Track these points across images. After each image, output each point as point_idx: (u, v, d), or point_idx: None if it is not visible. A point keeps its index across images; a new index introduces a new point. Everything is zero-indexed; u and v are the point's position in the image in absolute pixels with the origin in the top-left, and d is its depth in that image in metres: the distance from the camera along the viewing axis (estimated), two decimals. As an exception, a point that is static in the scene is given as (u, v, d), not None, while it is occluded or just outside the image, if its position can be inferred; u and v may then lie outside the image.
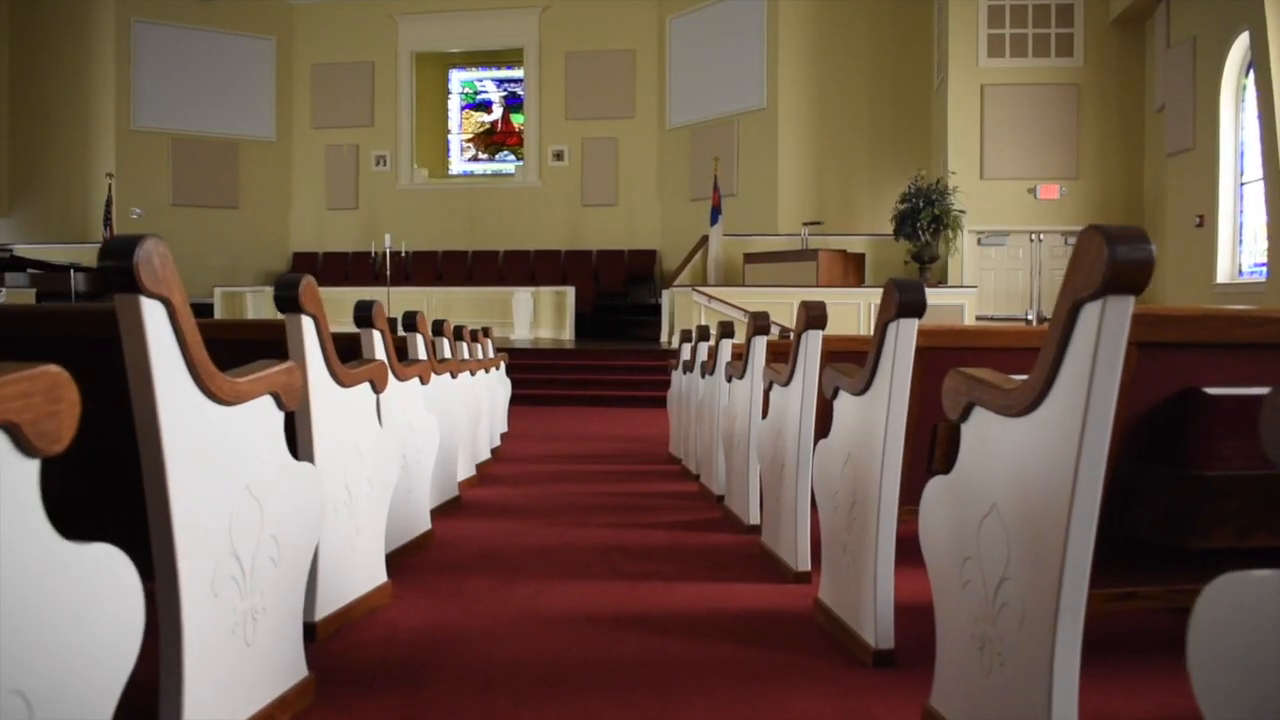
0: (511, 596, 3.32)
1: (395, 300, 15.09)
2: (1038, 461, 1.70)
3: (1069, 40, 13.83)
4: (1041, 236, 13.95)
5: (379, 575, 3.18)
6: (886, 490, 2.55)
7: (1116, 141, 13.76)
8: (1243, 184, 11.23)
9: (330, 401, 2.80)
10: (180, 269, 1.76)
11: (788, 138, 16.04)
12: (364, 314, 3.54)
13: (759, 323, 4.29)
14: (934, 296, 12.55)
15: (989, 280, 13.90)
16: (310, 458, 2.69)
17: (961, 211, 13.17)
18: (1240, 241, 11.29)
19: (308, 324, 2.67)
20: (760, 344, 4.32)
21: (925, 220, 12.90)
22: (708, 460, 5.62)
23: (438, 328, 5.59)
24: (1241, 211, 11.26)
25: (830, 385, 2.90)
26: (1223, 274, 11.31)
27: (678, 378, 7.53)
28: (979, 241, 14.05)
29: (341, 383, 2.85)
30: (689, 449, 6.62)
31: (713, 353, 5.70)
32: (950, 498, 2.03)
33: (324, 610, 2.81)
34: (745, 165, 16.66)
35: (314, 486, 2.29)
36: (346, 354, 3.34)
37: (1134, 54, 13.69)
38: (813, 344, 3.41)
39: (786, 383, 3.60)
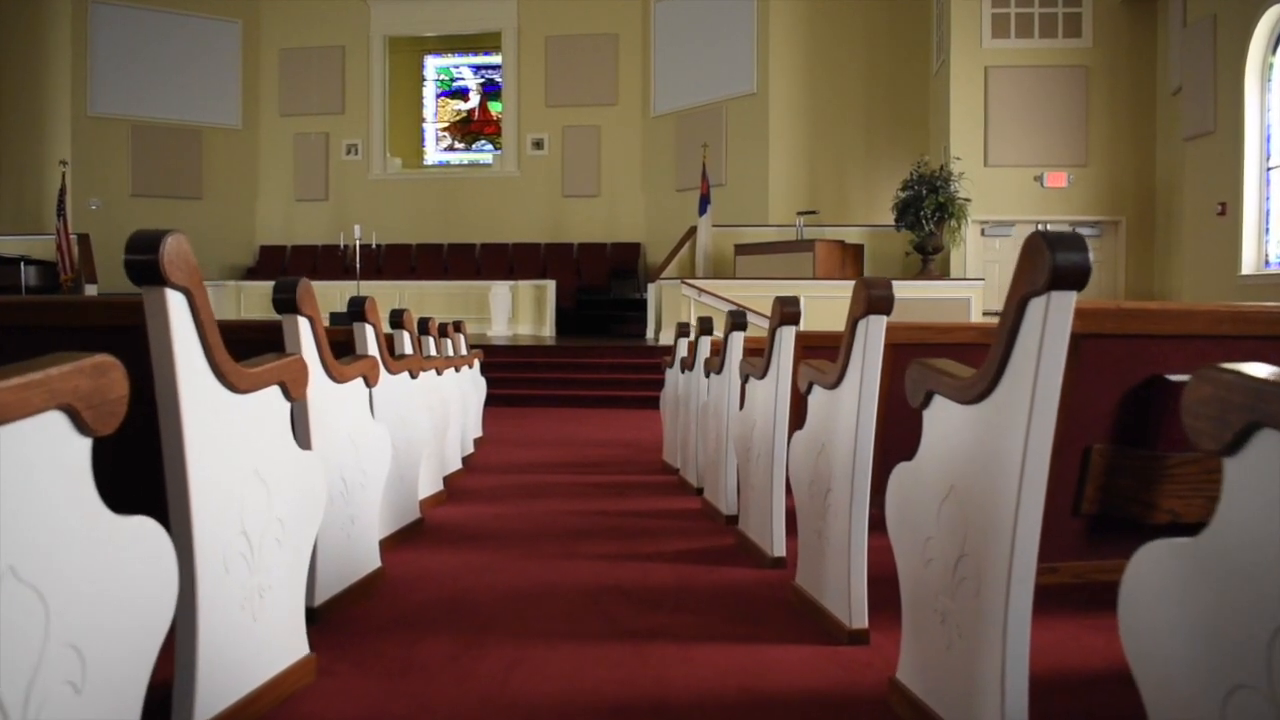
0: (478, 671, 2.49)
1: (366, 294, 14.18)
2: None
3: (1077, 20, 13.09)
4: (1048, 226, 13.17)
5: (296, 647, 2.35)
6: (1023, 543, 1.74)
7: (1128, 126, 13.03)
8: (1269, 168, 10.52)
9: (216, 414, 1.97)
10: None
11: (779, 124, 15.25)
12: (286, 296, 2.72)
13: (787, 309, 3.49)
14: (938, 290, 11.81)
15: (993, 273, 13.14)
16: (182, 499, 1.86)
17: (966, 200, 12.40)
18: (1267, 230, 10.58)
19: (175, 302, 1.84)
20: (788, 336, 3.52)
21: (929, 209, 12.12)
22: (713, 473, 4.80)
23: (397, 319, 4.76)
24: (1268, 198, 10.55)
25: (918, 388, 2.10)
26: (1248, 265, 10.60)
27: (673, 376, 6.71)
28: (983, 232, 13.30)
29: (234, 387, 2.02)
30: (688, 458, 5.81)
31: (718, 348, 4.90)
32: (1202, 574, 1.22)
33: (209, 710, 1.97)
34: (734, 153, 15.86)
35: (156, 552, 1.46)
36: (269, 350, 2.52)
37: (1146, 34, 12.96)
38: (874, 334, 2.61)
39: (835, 384, 2.80)
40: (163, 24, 17.83)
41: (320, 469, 2.43)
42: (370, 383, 3.24)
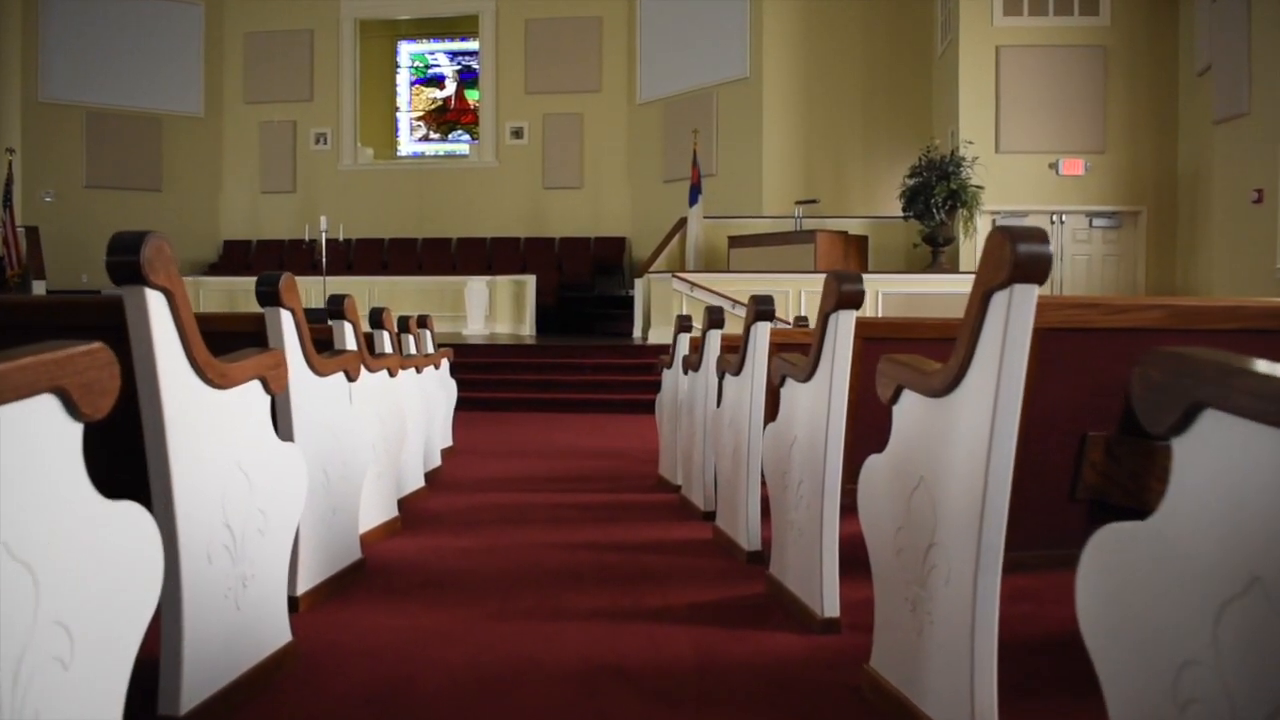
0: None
1: (334, 292, 13.21)
2: None
3: (1094, -4, 12.27)
4: (1064, 217, 12.38)
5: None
6: None
7: (1148, 109, 12.19)
8: (1311, 152, 9.72)
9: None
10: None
11: (773, 110, 14.35)
12: (124, 259, 1.79)
13: (846, 287, 2.59)
14: (952, 284, 10.94)
15: (1004, 267, 12.27)
16: None
17: (980, 187, 11.53)
18: (1308, 217, 9.79)
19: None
20: (846, 324, 2.63)
21: (940, 196, 11.24)
22: (730, 498, 3.90)
23: (338, 307, 3.83)
24: (1309, 183, 9.75)
25: (1174, 398, 1.19)
26: (1288, 255, 9.80)
27: (672, 378, 5.79)
28: (994, 223, 12.41)
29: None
30: (691, 475, 4.90)
31: (733, 344, 4.01)
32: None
33: None
34: (725, 142, 14.96)
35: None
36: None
37: (1167, 12, 12.14)
38: (1020, 314, 1.71)
39: (945, 389, 1.90)
40: (120, 4, 16.82)
41: (149, 524, 1.50)
42: (273, 387, 2.31)
